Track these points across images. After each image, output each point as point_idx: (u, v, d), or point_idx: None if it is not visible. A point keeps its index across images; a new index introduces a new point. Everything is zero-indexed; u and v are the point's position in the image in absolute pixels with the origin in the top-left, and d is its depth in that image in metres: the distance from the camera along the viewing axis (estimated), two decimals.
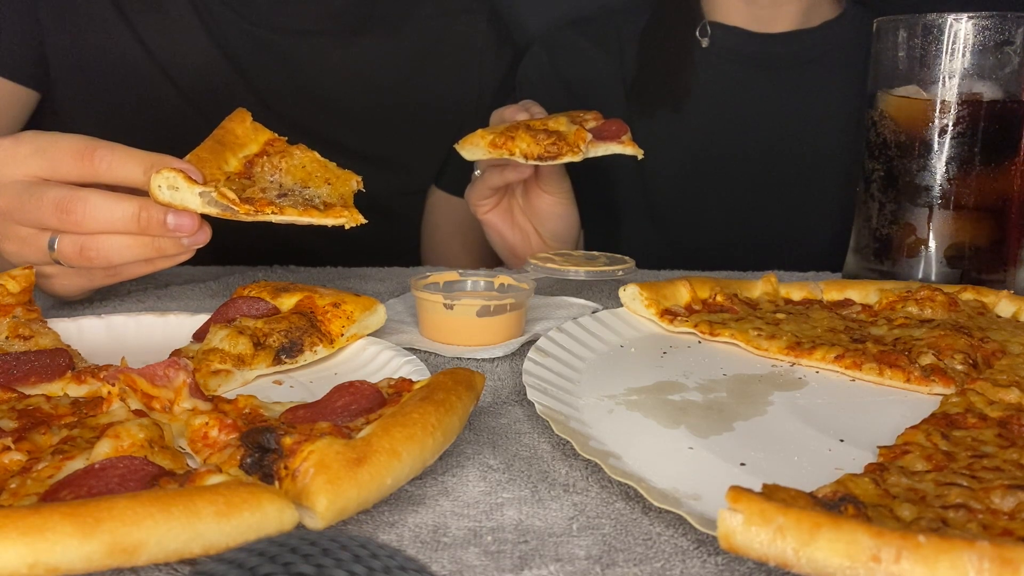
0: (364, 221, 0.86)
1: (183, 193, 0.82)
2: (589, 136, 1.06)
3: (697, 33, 1.46)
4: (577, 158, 1.06)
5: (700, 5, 1.50)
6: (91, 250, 0.85)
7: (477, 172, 1.26)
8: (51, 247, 0.87)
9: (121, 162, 0.85)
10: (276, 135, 0.96)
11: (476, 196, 1.26)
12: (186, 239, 0.86)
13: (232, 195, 0.82)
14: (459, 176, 1.53)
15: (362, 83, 1.45)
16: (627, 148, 1.08)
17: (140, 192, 0.85)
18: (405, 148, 1.51)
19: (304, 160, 0.92)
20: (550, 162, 1.06)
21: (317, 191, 0.89)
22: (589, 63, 1.53)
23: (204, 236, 0.86)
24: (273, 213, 0.83)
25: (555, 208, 1.27)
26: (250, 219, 0.83)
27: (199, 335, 0.85)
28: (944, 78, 1.02)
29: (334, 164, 0.93)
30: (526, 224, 1.30)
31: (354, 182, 0.92)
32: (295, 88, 1.41)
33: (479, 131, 1.09)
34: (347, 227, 0.86)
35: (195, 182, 0.82)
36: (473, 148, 1.08)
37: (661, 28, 1.50)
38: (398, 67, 1.47)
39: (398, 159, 1.52)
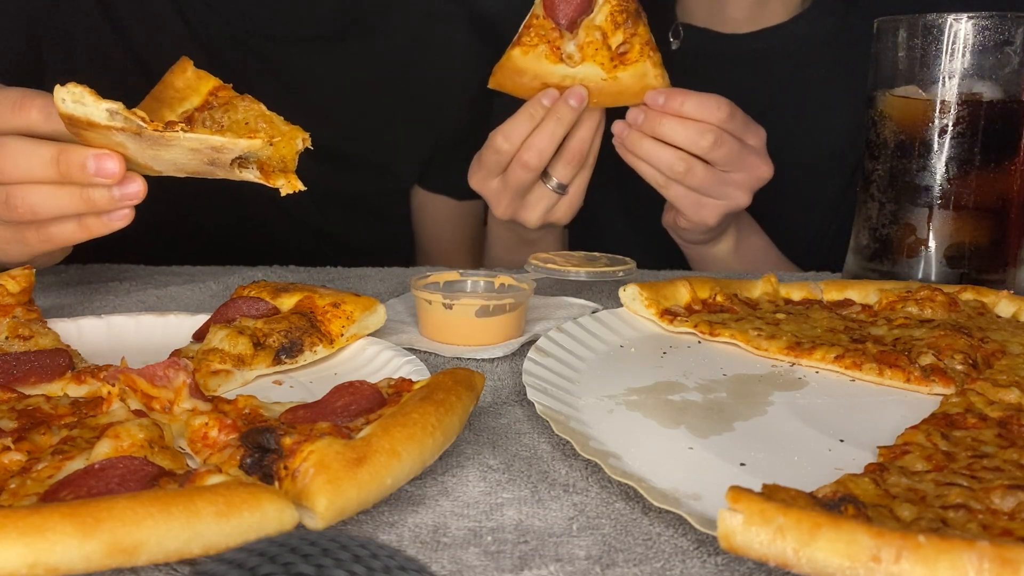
0: (302, 188, 0.84)
1: (89, 108, 0.75)
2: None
3: (670, 35, 1.46)
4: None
5: (675, 7, 1.51)
6: (16, 198, 0.83)
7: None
8: None
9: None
10: (221, 82, 0.90)
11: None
12: (116, 190, 0.81)
13: (142, 113, 0.76)
14: (442, 176, 1.54)
15: (347, 86, 1.45)
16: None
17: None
18: (391, 150, 1.52)
19: (248, 115, 0.87)
20: None
21: (254, 150, 0.82)
22: None
23: (136, 188, 0.81)
24: (183, 130, 0.76)
25: None
26: (158, 135, 0.76)
27: (199, 335, 0.85)
28: (944, 78, 1.02)
29: (281, 118, 0.88)
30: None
31: (300, 140, 0.86)
32: (280, 92, 1.42)
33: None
34: (283, 193, 0.83)
35: (103, 98, 0.76)
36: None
37: None
38: (382, 70, 1.47)
39: (384, 161, 1.53)
